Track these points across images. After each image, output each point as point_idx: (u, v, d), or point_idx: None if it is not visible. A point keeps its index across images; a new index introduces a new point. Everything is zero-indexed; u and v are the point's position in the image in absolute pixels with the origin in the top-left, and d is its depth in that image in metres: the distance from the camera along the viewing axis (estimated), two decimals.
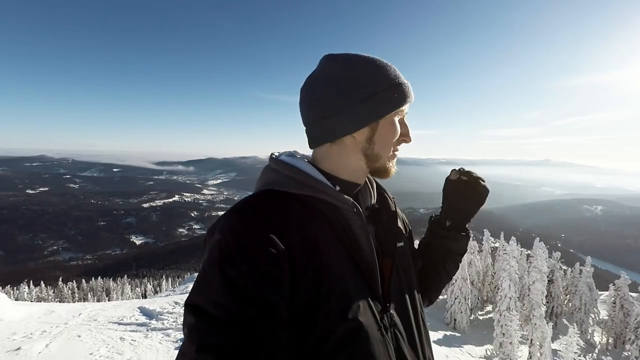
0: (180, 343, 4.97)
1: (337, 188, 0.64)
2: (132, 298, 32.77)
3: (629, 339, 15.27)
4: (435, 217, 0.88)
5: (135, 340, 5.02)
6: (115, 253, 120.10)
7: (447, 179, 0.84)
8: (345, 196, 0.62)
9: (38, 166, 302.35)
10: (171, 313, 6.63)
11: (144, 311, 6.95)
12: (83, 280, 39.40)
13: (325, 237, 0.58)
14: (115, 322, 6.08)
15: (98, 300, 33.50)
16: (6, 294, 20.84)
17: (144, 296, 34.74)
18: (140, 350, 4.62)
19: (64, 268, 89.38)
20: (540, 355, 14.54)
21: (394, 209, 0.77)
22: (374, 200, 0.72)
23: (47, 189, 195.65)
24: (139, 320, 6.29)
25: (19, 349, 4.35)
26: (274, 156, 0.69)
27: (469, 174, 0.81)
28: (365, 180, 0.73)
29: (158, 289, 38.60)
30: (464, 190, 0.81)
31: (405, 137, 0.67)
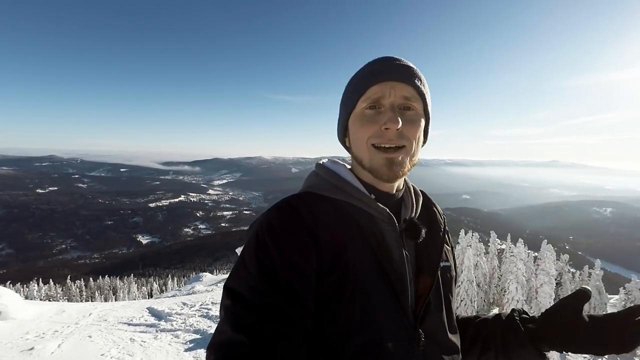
0: (190, 345, 5.04)
1: (373, 197, 0.64)
2: (139, 297, 33.12)
3: None
4: (525, 318, 0.74)
5: (145, 342, 5.09)
6: (122, 252, 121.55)
7: (578, 294, 0.67)
8: (380, 205, 0.63)
9: (48, 166, 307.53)
10: (179, 314, 6.71)
11: (152, 312, 7.03)
12: (91, 279, 39.92)
13: (355, 242, 0.59)
14: (124, 323, 6.17)
15: (105, 299, 33.92)
16: (17, 291, 21.22)
17: (150, 295, 35.09)
18: (150, 352, 4.68)
19: (72, 266, 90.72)
20: (548, 358, 14.36)
21: (444, 227, 0.74)
22: (414, 214, 0.70)
23: (56, 188, 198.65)
24: (148, 321, 6.37)
25: (32, 348, 4.45)
26: (320, 162, 0.72)
27: None
28: (410, 192, 0.72)
29: (164, 288, 38.93)
30: (613, 330, 0.62)
31: (383, 125, 0.60)
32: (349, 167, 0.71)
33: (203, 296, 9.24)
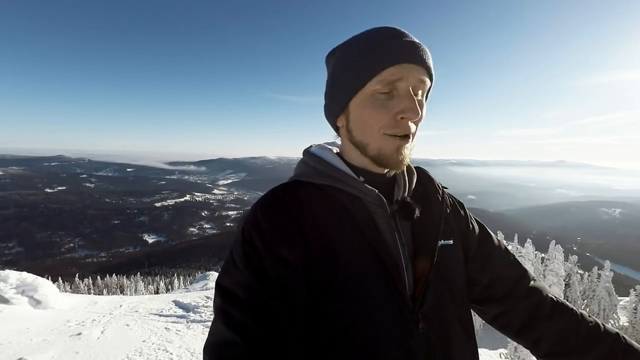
0: None
1: (362, 179, 0.61)
2: (145, 295, 33.62)
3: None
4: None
5: (180, 331, 5.40)
6: (128, 251, 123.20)
7: None
8: (369, 187, 0.60)
9: (56, 166, 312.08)
10: (206, 307, 7.01)
11: (179, 304, 7.35)
12: (98, 277, 40.78)
13: (344, 228, 0.57)
14: (155, 314, 6.49)
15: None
16: None
17: (157, 293, 35.67)
18: (187, 339, 4.99)
19: (80, 265, 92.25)
20: None
21: (442, 204, 0.68)
22: (407, 193, 0.65)
23: (64, 188, 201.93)
24: (177, 312, 6.69)
25: (80, 334, 4.79)
26: (306, 148, 0.69)
27: None
28: (402, 171, 0.66)
29: (170, 287, 39.50)
30: None
31: (400, 113, 0.55)
32: (336, 150, 0.68)
33: None
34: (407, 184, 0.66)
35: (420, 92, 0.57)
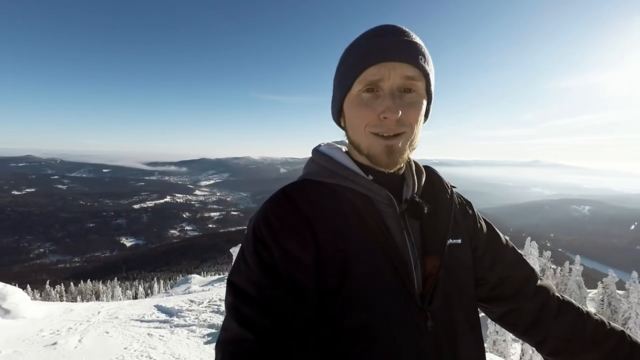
0: (208, 338, 5.21)
1: (371, 178, 0.62)
2: (124, 300, 32.45)
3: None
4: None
5: (163, 336, 5.22)
6: (104, 255, 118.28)
7: None
8: (378, 186, 0.60)
9: (24, 167, 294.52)
10: (190, 310, 6.83)
11: (161, 309, 7.12)
12: (71, 284, 38.84)
13: (354, 227, 0.57)
14: (137, 320, 6.25)
15: None
16: None
17: (135, 298, 34.47)
18: (171, 345, 4.83)
19: (51, 271, 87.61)
20: (533, 352, 15.09)
21: (451, 203, 0.69)
22: (415, 192, 0.65)
23: (33, 190, 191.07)
24: (159, 317, 6.47)
25: (55, 343, 4.53)
26: (315, 147, 0.70)
27: None
28: (411, 170, 0.68)
29: (149, 291, 38.28)
30: None
31: (381, 113, 0.55)
32: (345, 149, 0.68)
33: (209, 294, 9.33)
34: (416, 183, 0.67)
35: (412, 89, 0.56)
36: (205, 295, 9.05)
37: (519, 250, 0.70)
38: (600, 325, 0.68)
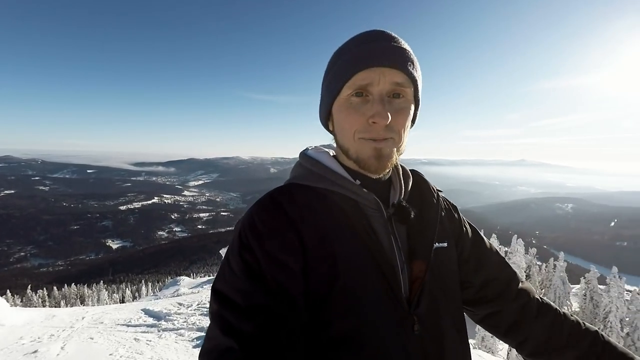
0: (196, 342, 5.10)
1: (358, 182, 0.61)
2: (110, 305, 31.68)
3: (599, 328, 16.52)
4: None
5: (150, 341, 5.09)
6: (89, 258, 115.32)
7: None
8: (365, 191, 0.60)
9: (3, 167, 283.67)
10: (179, 314, 6.70)
11: (149, 313, 6.95)
12: (54, 288, 37.64)
13: (341, 232, 0.57)
14: (123, 324, 6.08)
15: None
16: None
17: (122, 302, 33.68)
18: (159, 349, 4.71)
19: (32, 275, 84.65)
20: None
21: (438, 207, 0.69)
22: (402, 196, 0.66)
23: (13, 191, 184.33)
24: (147, 321, 6.31)
25: (36, 351, 4.34)
26: (303, 151, 0.70)
27: None
28: (398, 174, 0.68)
29: (137, 294, 37.49)
30: None
31: (371, 117, 0.55)
32: (332, 153, 0.68)
33: (198, 296, 9.17)
34: (403, 187, 0.67)
35: (401, 95, 0.57)
36: (194, 297, 8.89)
37: (501, 253, 0.72)
38: (576, 325, 0.71)
